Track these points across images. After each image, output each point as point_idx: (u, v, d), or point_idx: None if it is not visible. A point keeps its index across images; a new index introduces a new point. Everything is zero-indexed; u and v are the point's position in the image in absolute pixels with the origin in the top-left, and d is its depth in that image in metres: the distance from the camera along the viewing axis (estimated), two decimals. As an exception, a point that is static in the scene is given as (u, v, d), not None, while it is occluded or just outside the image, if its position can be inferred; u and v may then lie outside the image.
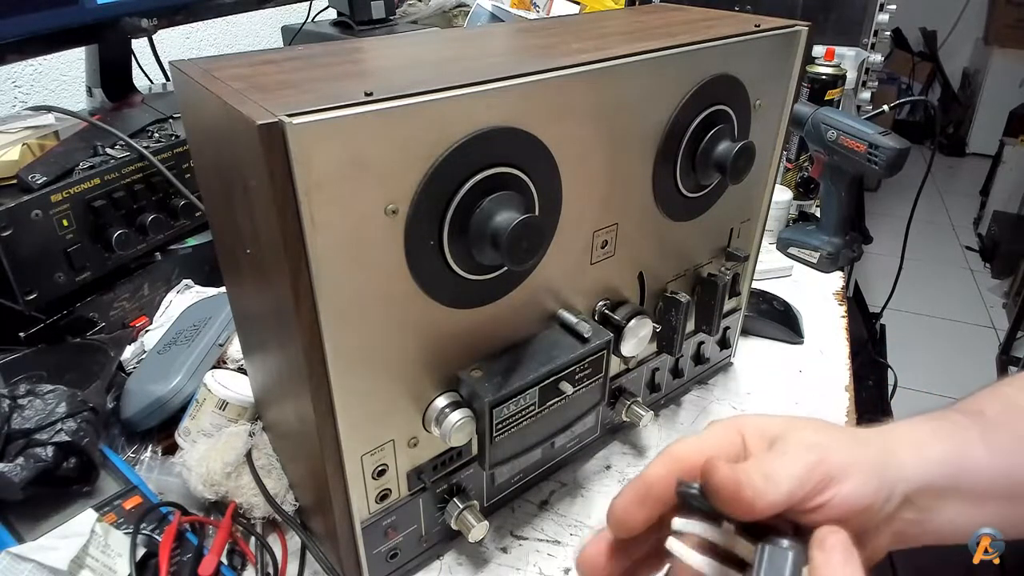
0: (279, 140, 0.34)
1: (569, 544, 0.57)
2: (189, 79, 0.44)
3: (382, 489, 0.49)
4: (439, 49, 0.52)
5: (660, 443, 0.67)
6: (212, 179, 0.49)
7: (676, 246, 0.61)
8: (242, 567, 0.54)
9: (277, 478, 0.57)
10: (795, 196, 1.07)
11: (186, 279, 0.79)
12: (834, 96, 1.03)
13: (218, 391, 0.60)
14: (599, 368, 0.53)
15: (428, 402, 0.48)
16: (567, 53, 0.48)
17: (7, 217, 0.60)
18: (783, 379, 0.77)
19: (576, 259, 0.53)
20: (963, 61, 3.94)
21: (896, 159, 0.85)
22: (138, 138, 0.76)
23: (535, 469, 0.61)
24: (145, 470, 0.60)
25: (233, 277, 0.55)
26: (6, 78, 1.10)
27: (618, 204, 0.53)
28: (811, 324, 0.85)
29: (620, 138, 0.50)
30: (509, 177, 0.43)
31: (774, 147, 0.65)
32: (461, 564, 0.56)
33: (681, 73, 0.52)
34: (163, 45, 1.08)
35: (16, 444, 0.52)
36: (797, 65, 0.61)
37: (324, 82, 0.41)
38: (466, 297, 0.46)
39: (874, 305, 1.67)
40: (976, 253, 2.97)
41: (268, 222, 0.37)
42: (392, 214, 0.39)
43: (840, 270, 0.98)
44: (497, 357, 0.49)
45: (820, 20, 1.20)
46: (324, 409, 0.42)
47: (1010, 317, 2.36)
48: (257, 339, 0.55)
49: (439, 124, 0.39)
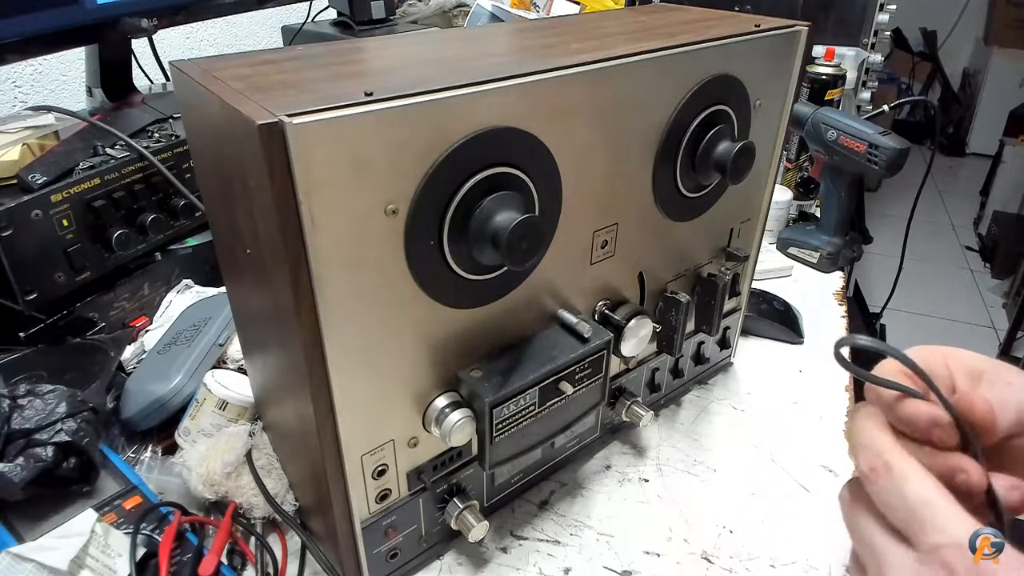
0: (279, 140, 0.34)
1: (569, 544, 0.57)
2: (189, 79, 0.44)
3: (382, 489, 0.49)
4: (439, 49, 0.52)
5: (660, 443, 0.67)
6: (212, 179, 0.49)
7: (676, 246, 0.61)
8: (242, 567, 0.54)
9: (277, 478, 0.57)
10: (795, 196, 1.07)
11: (186, 279, 0.79)
12: (834, 96, 1.03)
13: (218, 391, 0.60)
14: (599, 368, 0.53)
15: (428, 402, 0.48)
16: (567, 53, 0.48)
17: (7, 217, 0.60)
18: (783, 379, 0.77)
19: (576, 259, 0.53)
20: (963, 61, 3.94)
21: (896, 159, 0.85)
22: (138, 138, 0.77)
23: (535, 469, 0.61)
24: (145, 470, 0.60)
25: (233, 277, 0.55)
26: (6, 78, 1.10)
27: (618, 204, 0.53)
28: (811, 324, 0.85)
29: (620, 138, 0.50)
30: (509, 177, 0.43)
31: (774, 147, 0.65)
32: (461, 564, 0.56)
33: (681, 73, 0.52)
34: (163, 45, 1.08)
35: (16, 444, 0.52)
36: (797, 65, 0.61)
37: (324, 82, 0.41)
38: (466, 297, 0.46)
39: (874, 305, 1.67)
40: (976, 253, 2.97)
41: (268, 222, 0.37)
42: (392, 214, 0.39)
43: (840, 270, 0.98)
44: (497, 357, 0.49)
45: (820, 20, 1.20)
46: (324, 409, 0.42)
47: (1010, 317, 2.36)
48: (257, 339, 0.55)
49: (439, 124, 0.39)
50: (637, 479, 0.63)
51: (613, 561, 0.56)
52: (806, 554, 0.56)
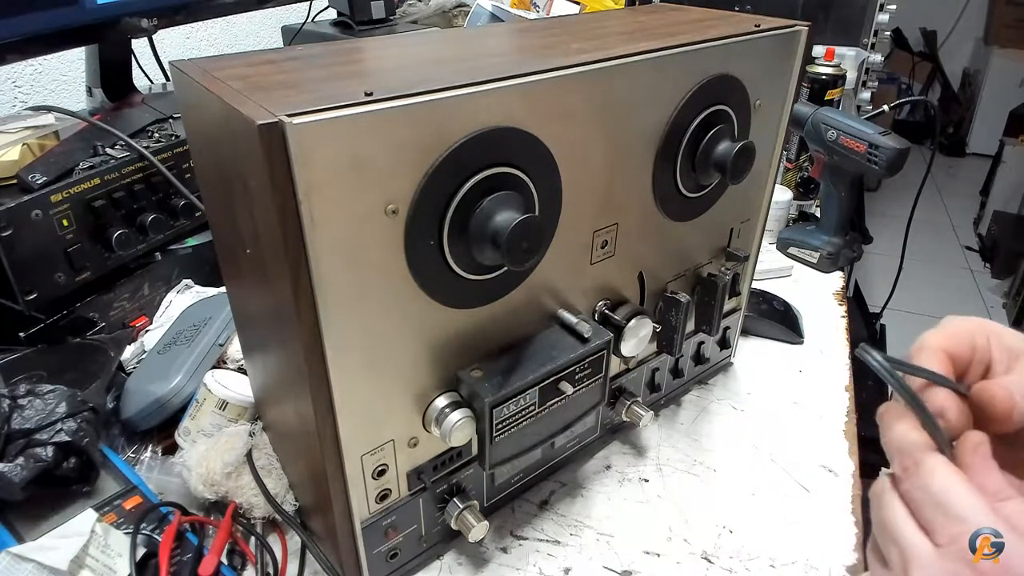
0: (279, 140, 0.34)
1: (569, 544, 0.57)
2: (189, 79, 0.44)
3: (382, 489, 0.49)
4: (439, 49, 0.52)
5: (660, 443, 0.67)
6: (212, 179, 0.49)
7: (676, 246, 0.61)
8: (242, 567, 0.54)
9: (277, 478, 0.57)
10: (795, 196, 1.07)
11: (186, 279, 0.79)
12: (834, 96, 1.03)
13: (218, 391, 0.60)
14: (599, 368, 0.53)
15: (428, 402, 0.48)
16: (567, 53, 0.48)
17: (7, 217, 0.60)
18: (783, 379, 0.77)
19: (576, 259, 0.53)
20: (963, 61, 3.94)
21: (896, 159, 0.85)
22: (138, 138, 0.77)
23: (535, 469, 0.61)
24: (145, 470, 0.60)
25: (233, 277, 0.55)
26: (6, 78, 1.10)
27: (618, 204, 0.53)
28: (811, 324, 0.85)
29: (620, 138, 0.50)
30: (509, 177, 0.43)
31: (774, 147, 0.65)
32: (461, 564, 0.56)
33: (681, 73, 0.52)
34: (163, 45, 1.08)
35: (16, 444, 0.52)
36: (797, 65, 0.61)
37: (324, 82, 0.41)
38: (466, 297, 0.46)
39: (874, 305, 1.67)
40: (976, 253, 2.97)
41: (268, 222, 0.37)
42: (392, 214, 0.39)
43: (840, 270, 0.98)
44: (497, 357, 0.49)
45: (820, 20, 1.20)
46: (324, 409, 0.42)
47: (1010, 317, 2.36)
48: (257, 339, 0.55)
49: (439, 124, 0.39)
50: (637, 479, 0.63)
51: (613, 561, 0.56)
52: (806, 554, 0.56)
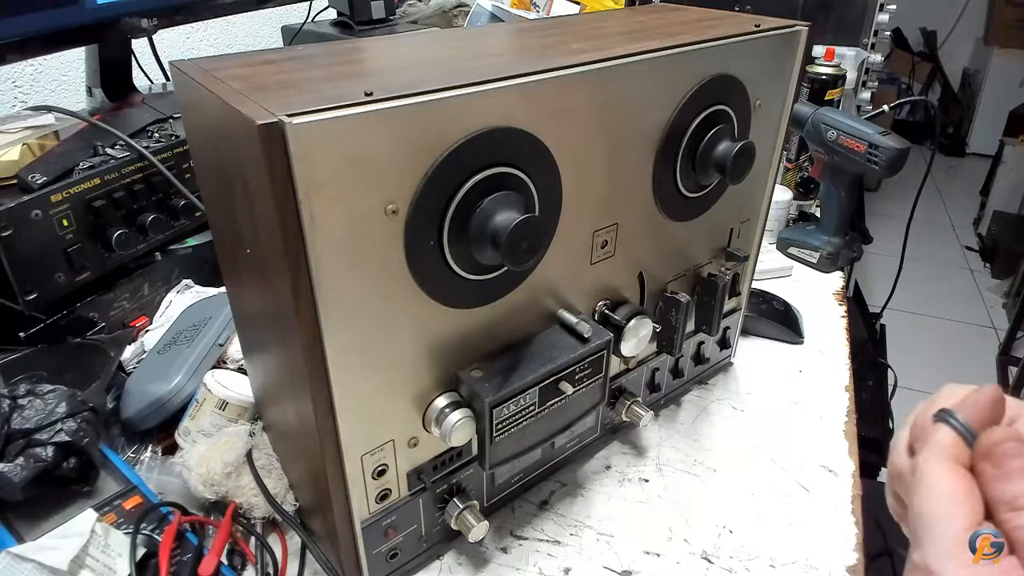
0: (279, 140, 0.34)
1: (569, 544, 0.57)
2: (189, 79, 0.44)
3: (382, 489, 0.49)
4: (439, 49, 0.52)
5: (660, 443, 0.67)
6: (212, 179, 0.49)
7: (676, 246, 0.61)
8: (242, 567, 0.54)
9: (277, 478, 0.57)
10: (795, 196, 1.07)
11: (186, 279, 0.79)
12: (834, 96, 1.03)
13: (218, 391, 0.60)
14: (599, 368, 0.53)
15: (428, 402, 0.48)
16: (567, 53, 0.48)
17: (7, 217, 0.60)
18: (783, 379, 0.77)
19: (576, 259, 0.53)
20: (963, 61, 3.94)
21: (896, 159, 0.85)
22: (138, 138, 0.76)
23: (535, 469, 0.61)
24: (145, 470, 0.60)
25: (233, 277, 0.55)
26: (6, 78, 1.10)
27: (618, 204, 0.53)
28: (811, 324, 0.85)
29: (620, 138, 0.50)
30: (509, 177, 0.43)
31: (774, 147, 0.65)
32: (461, 564, 0.56)
33: (681, 73, 0.52)
34: (163, 45, 1.08)
35: (16, 444, 0.52)
36: (797, 65, 0.61)
37: (324, 82, 0.41)
38: (466, 297, 0.46)
39: (874, 305, 1.67)
40: (976, 253, 2.97)
41: (268, 222, 0.37)
42: (392, 214, 0.39)
43: (840, 270, 0.98)
44: (497, 357, 0.49)
45: (820, 20, 1.20)
46: (324, 409, 0.42)
47: (1010, 317, 2.36)
48: (257, 339, 0.55)
49: (439, 124, 0.39)
50: (637, 479, 0.63)
51: (613, 561, 0.56)
52: (806, 554, 0.56)
